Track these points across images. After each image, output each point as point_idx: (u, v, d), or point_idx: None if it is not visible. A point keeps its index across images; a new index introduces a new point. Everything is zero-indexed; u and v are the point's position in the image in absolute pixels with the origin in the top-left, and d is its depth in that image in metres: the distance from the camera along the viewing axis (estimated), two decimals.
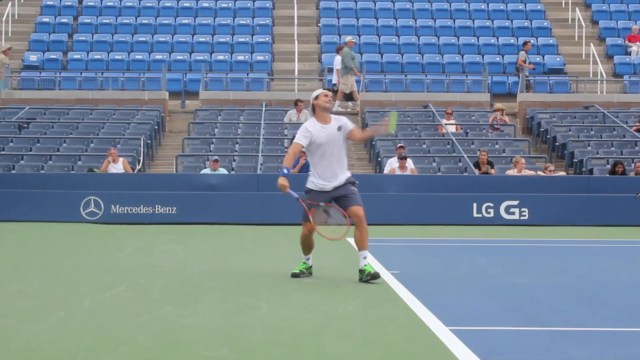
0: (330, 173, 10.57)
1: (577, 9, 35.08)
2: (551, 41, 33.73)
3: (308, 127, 10.65)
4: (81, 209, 20.93)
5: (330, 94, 10.95)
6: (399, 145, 23.21)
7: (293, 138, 24.51)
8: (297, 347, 6.86)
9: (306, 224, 10.62)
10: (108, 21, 34.29)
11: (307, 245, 10.93)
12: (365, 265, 10.41)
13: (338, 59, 28.71)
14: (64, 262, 12.99)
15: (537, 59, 32.56)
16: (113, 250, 14.85)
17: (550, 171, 22.58)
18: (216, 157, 22.53)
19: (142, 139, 24.80)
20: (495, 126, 26.51)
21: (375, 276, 10.29)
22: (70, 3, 35.38)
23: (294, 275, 10.82)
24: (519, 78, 29.70)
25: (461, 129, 26.51)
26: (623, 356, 6.61)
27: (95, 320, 7.86)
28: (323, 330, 7.49)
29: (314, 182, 10.65)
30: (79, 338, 7.10)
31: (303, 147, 10.55)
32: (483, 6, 35.86)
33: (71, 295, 9.43)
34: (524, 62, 29.66)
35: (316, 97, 10.82)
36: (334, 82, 29.27)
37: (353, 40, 29.37)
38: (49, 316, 8.08)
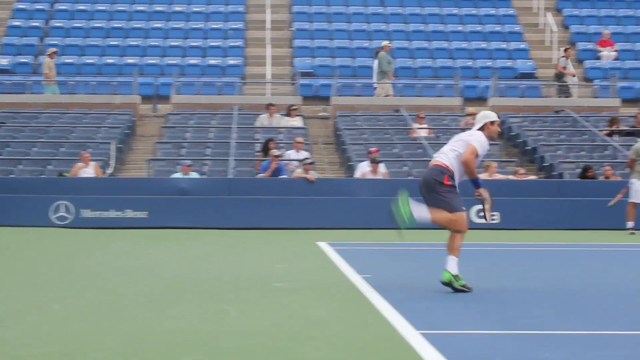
0: None
1: (548, 14, 35.24)
2: (522, 46, 33.88)
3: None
4: (51, 213, 20.82)
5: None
6: (371, 149, 23.22)
7: (266, 142, 24.16)
8: (270, 352, 6.84)
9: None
10: (80, 25, 34.11)
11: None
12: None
13: (376, 62, 28.83)
14: (34, 267, 12.90)
15: (509, 63, 32.71)
16: (83, 255, 14.78)
17: (520, 175, 22.67)
18: (188, 161, 22.45)
19: (113, 143, 24.68)
20: (469, 128, 26.55)
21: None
22: (41, 7, 35.19)
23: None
24: (558, 84, 29.85)
25: (433, 133, 26.56)
26: (594, 359, 6.64)
27: (65, 326, 7.81)
28: (296, 335, 7.48)
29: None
30: (48, 343, 7.05)
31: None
32: (455, 10, 35.98)
33: (41, 300, 9.36)
34: (564, 69, 29.80)
35: (492, 122, 10.63)
36: (375, 85, 29.38)
37: (389, 45, 29.48)
38: (19, 321, 8.01)
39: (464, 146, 10.35)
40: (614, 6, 37.13)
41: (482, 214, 10.88)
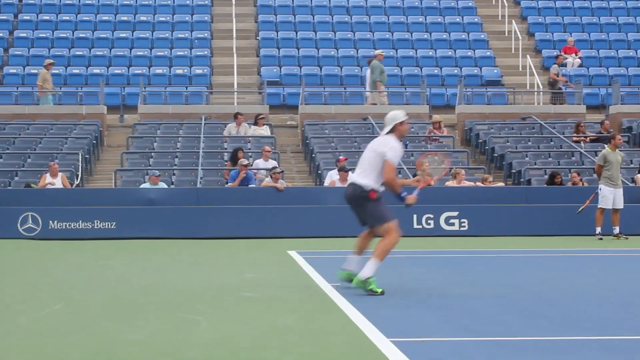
0: None
1: (513, 21, 35.48)
2: (488, 53, 34.07)
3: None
4: (18, 224, 20.66)
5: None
6: (339, 157, 23.24)
7: (234, 152, 24.22)
8: None
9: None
10: (44, 35, 33.95)
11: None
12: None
13: (369, 71, 28.85)
14: (0, 279, 12.80)
15: (475, 71, 32.88)
16: (50, 266, 14.68)
17: (489, 182, 22.77)
18: (156, 171, 22.36)
19: (80, 154, 24.56)
20: (433, 137, 26.65)
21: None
22: (5, 17, 34.99)
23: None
24: (553, 91, 29.98)
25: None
26: None
27: (31, 338, 7.75)
28: (263, 344, 7.46)
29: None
30: (15, 356, 6.99)
31: None
32: (421, 19, 36.14)
33: (7, 312, 9.29)
34: (557, 75, 29.94)
35: (401, 123, 10.86)
36: (366, 94, 29.37)
37: (382, 54, 29.49)
38: None
39: (380, 161, 10.51)
40: (578, 14, 37.46)
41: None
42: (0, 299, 10.46)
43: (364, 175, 10.56)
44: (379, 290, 10.21)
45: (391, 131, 10.83)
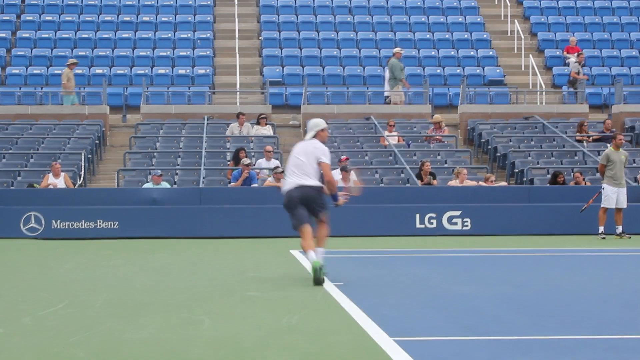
0: None
1: (516, 21, 35.48)
2: (491, 53, 34.06)
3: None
4: (21, 224, 20.68)
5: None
6: (342, 157, 23.24)
7: (237, 151, 24.27)
8: None
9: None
10: (47, 35, 33.96)
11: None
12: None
13: (388, 70, 28.85)
14: (3, 279, 12.82)
15: (477, 70, 32.87)
16: (54, 266, 14.69)
17: (491, 182, 22.76)
18: (159, 171, 22.36)
19: (83, 154, 24.58)
20: (435, 137, 26.64)
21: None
22: (8, 18, 35.00)
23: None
24: (574, 90, 29.95)
25: (403, 140, 26.63)
26: None
27: (35, 338, 7.75)
28: (266, 344, 7.46)
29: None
30: (19, 356, 7.00)
31: None
32: (423, 19, 36.13)
33: (11, 312, 9.30)
34: (577, 74, 29.89)
35: (322, 130, 12.03)
36: (385, 93, 29.36)
37: (401, 52, 29.49)
38: None
39: (317, 164, 11.82)
40: (581, 13, 37.44)
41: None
42: (3, 298, 10.47)
43: (311, 178, 11.80)
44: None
45: (314, 136, 11.99)
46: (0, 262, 15.82)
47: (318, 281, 11.10)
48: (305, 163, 11.76)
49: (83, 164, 24.38)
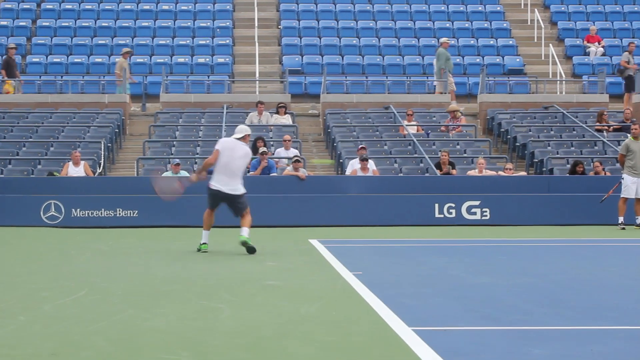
0: None
1: (536, 10, 35.33)
2: (510, 42, 33.94)
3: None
4: (41, 213, 20.78)
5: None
6: (361, 146, 23.23)
7: (255, 141, 24.47)
8: (259, 350, 6.84)
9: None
10: (67, 24, 34.06)
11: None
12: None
13: (435, 60, 28.90)
14: (24, 266, 12.88)
15: (497, 59, 32.77)
16: (74, 254, 14.76)
17: (510, 171, 22.69)
18: (178, 160, 22.39)
19: (102, 142, 24.65)
20: (451, 128, 26.55)
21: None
22: (28, 6, 35.12)
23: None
24: (623, 79, 29.82)
25: (422, 130, 26.59)
26: (585, 355, 6.65)
27: (56, 325, 7.80)
28: (285, 333, 7.48)
29: None
30: (39, 343, 7.04)
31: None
32: (443, 8, 36.04)
33: (31, 300, 9.35)
34: (628, 63, 29.78)
35: (249, 135, 14.74)
36: (434, 83, 29.39)
37: (448, 42, 29.49)
38: (9, 321, 8.00)
39: (244, 163, 14.67)
40: (601, 2, 37.27)
41: None
42: (24, 286, 10.52)
43: (239, 182, 14.58)
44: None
45: (242, 139, 14.45)
46: (20, 250, 15.89)
47: (251, 250, 13.94)
48: (238, 167, 14.56)
49: (103, 153, 24.45)
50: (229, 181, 14.45)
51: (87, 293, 9.78)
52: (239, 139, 14.50)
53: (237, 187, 14.50)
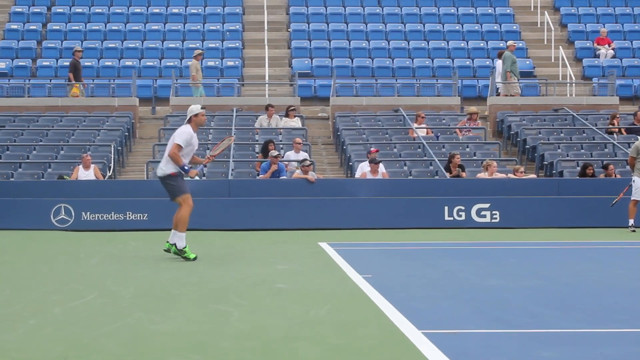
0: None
1: (545, 12, 35.29)
2: (520, 44, 33.88)
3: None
4: (52, 216, 20.81)
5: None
6: (371, 149, 23.22)
7: (265, 144, 24.40)
8: (269, 353, 6.85)
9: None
10: (77, 28, 34.14)
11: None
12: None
13: (499, 63, 28.90)
14: (35, 270, 12.91)
15: None
16: (84, 257, 14.78)
17: (520, 173, 22.65)
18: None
19: (112, 146, 24.69)
20: (466, 128, 26.54)
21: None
22: (39, 10, 35.22)
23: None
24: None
25: (432, 132, 26.57)
26: (595, 358, 6.64)
27: (66, 329, 7.81)
28: (295, 335, 7.48)
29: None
30: (49, 346, 7.06)
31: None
32: (452, 10, 36.01)
33: (41, 303, 9.37)
34: None
35: (196, 115, 14.10)
36: (497, 85, 29.40)
37: (514, 45, 29.56)
38: (20, 325, 8.02)
39: (171, 144, 13.84)
40: (611, 4, 37.20)
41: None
42: (34, 289, 10.55)
43: (164, 162, 13.81)
44: (192, 256, 13.69)
45: (188, 122, 14.04)
46: (30, 254, 15.93)
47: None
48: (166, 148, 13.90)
49: (112, 156, 24.49)
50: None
51: (97, 296, 9.80)
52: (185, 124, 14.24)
53: (160, 167, 14.01)
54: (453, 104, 29.10)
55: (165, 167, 13.79)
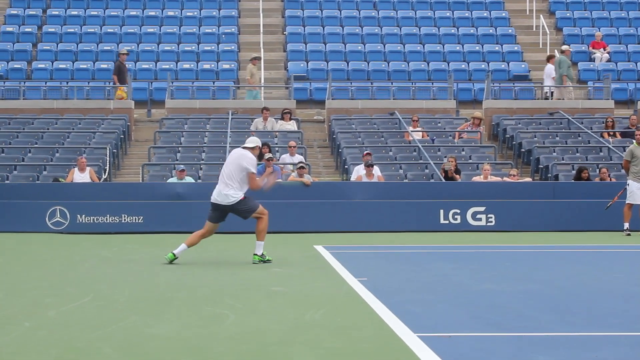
0: None
1: (541, 16, 35.32)
2: (516, 48, 33.93)
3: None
4: (47, 218, 20.79)
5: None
6: (366, 152, 23.23)
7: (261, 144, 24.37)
8: (264, 357, 6.84)
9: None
10: (72, 30, 34.12)
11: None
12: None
13: (549, 67, 29.24)
14: (29, 272, 12.89)
15: (502, 65, 32.75)
16: (79, 260, 14.77)
17: (515, 177, 22.67)
18: (182, 166, 22.43)
19: (108, 148, 24.67)
20: (464, 132, 26.55)
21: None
22: (34, 12, 35.19)
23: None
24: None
25: (427, 136, 26.59)
26: None
27: (60, 332, 7.80)
28: (290, 339, 7.48)
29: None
30: (44, 350, 7.04)
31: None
32: (448, 14, 36.03)
33: (36, 306, 9.36)
34: None
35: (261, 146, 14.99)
36: (552, 89, 29.45)
37: (570, 49, 29.75)
38: (14, 328, 8.01)
39: (237, 171, 13.81)
40: (606, 8, 37.23)
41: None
42: (29, 292, 10.53)
43: (231, 190, 13.79)
44: (269, 258, 13.96)
45: (251, 149, 13.97)
46: (25, 256, 15.91)
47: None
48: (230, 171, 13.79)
49: (108, 159, 24.47)
50: (220, 190, 13.80)
51: (92, 299, 9.79)
52: (245, 147, 14.02)
53: (228, 195, 13.76)
54: (448, 107, 29.12)
55: (235, 194, 13.74)
